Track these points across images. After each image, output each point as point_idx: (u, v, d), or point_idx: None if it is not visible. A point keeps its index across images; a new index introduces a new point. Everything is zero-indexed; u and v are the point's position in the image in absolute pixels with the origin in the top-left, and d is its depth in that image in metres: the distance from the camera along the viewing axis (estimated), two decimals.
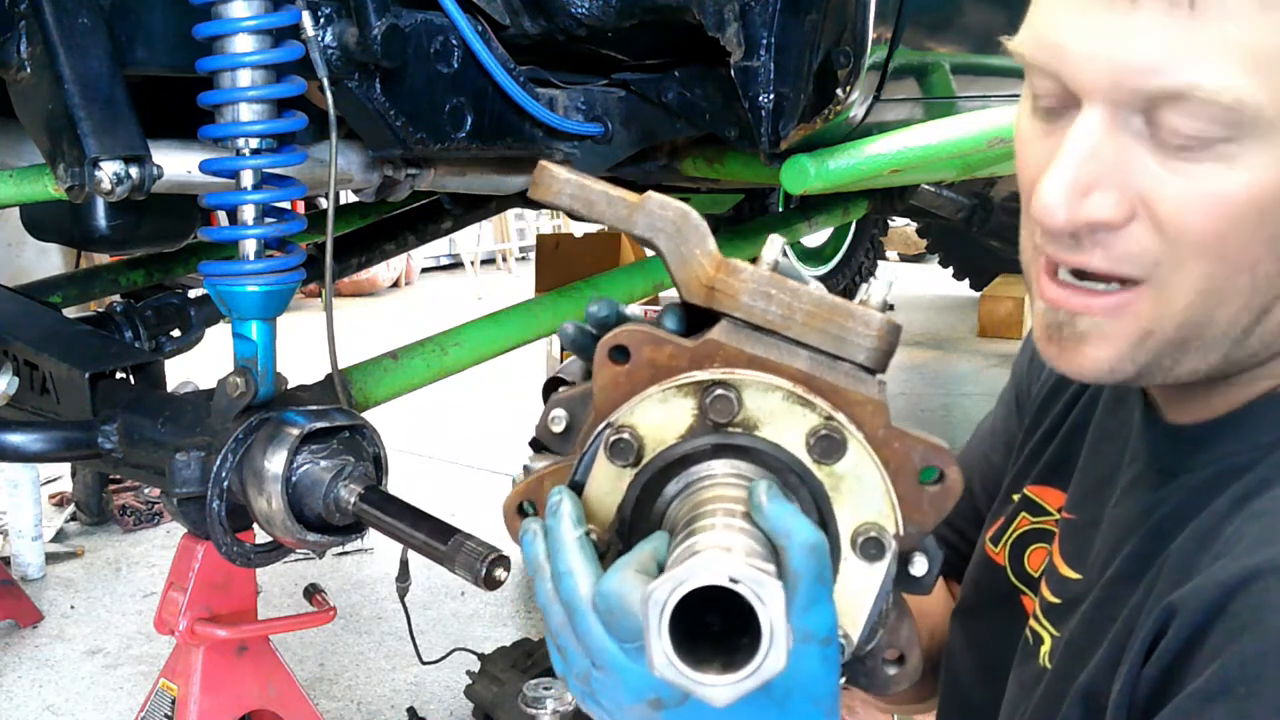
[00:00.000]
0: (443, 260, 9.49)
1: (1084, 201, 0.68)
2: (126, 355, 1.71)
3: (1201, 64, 0.64)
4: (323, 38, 1.40)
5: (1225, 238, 0.67)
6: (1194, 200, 0.66)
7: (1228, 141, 0.65)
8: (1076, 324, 0.72)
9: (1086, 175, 0.68)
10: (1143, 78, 0.65)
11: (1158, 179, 0.67)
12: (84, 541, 3.30)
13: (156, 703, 1.53)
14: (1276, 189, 0.66)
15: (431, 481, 3.80)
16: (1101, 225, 0.69)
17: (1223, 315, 0.70)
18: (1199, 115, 0.65)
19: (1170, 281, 0.69)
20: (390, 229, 2.78)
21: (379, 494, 1.35)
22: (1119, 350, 0.71)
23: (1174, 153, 0.66)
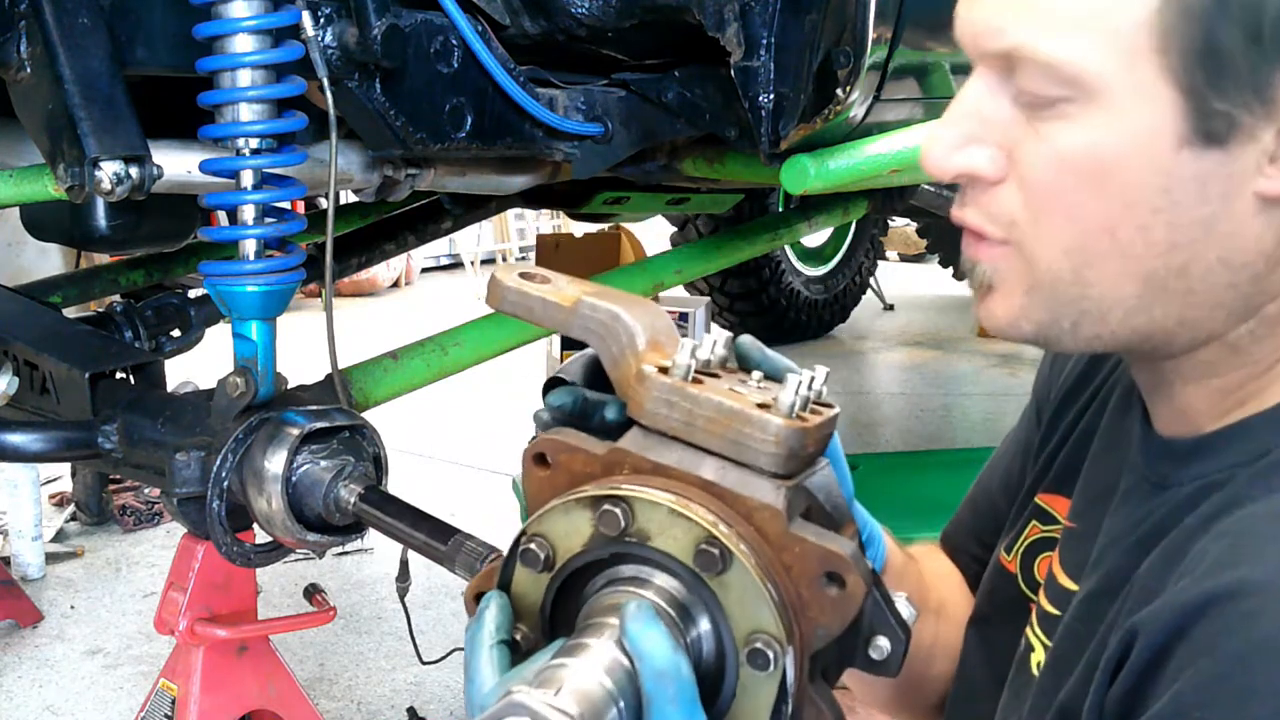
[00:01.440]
0: (443, 260, 9.49)
1: (960, 152, 0.72)
2: (126, 355, 1.71)
3: (1033, 26, 0.68)
4: (323, 38, 1.40)
5: (1068, 195, 0.69)
6: (1042, 157, 0.70)
7: (1068, 101, 0.68)
8: (978, 273, 0.76)
9: (967, 129, 0.72)
10: (987, 39, 0.70)
11: (1020, 137, 0.71)
12: (84, 541, 3.30)
13: (156, 703, 1.53)
14: (1116, 149, 0.68)
15: (431, 481, 3.80)
16: (975, 177, 0.73)
17: (1095, 278, 0.71)
18: (1037, 75, 0.68)
19: (1031, 237, 0.72)
20: (390, 229, 2.78)
21: (379, 494, 1.35)
22: (1014, 301, 0.74)
23: (1031, 112, 0.70)
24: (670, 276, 2.57)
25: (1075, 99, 0.68)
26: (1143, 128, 0.67)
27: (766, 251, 3.79)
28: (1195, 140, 0.67)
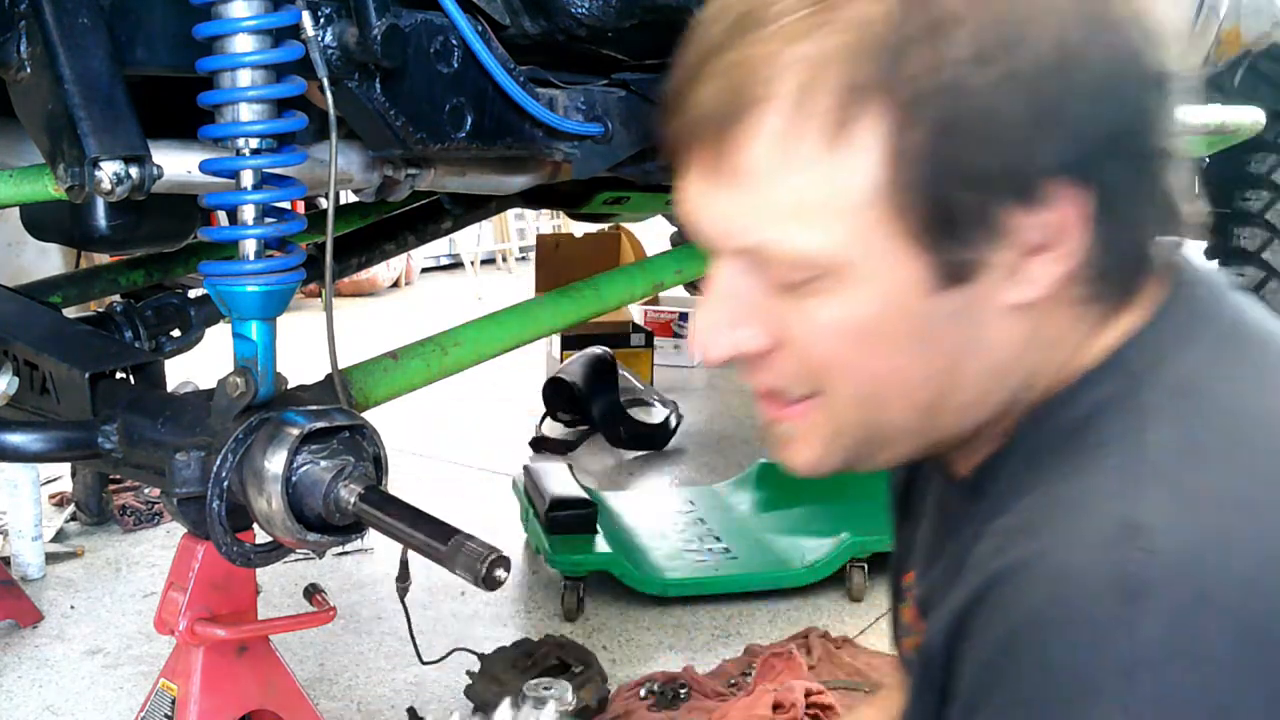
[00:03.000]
0: (443, 260, 9.49)
1: (730, 336, 0.76)
2: (126, 355, 1.71)
3: (767, 225, 0.71)
4: (323, 38, 1.40)
5: (842, 358, 0.74)
6: (811, 330, 0.74)
7: (819, 279, 0.71)
8: (778, 430, 0.80)
9: (727, 315, 0.76)
10: (724, 240, 0.74)
11: (782, 314, 0.74)
12: (84, 541, 3.30)
13: (156, 703, 1.53)
14: (873, 313, 0.72)
15: (431, 481, 3.80)
16: (750, 357, 0.77)
17: (888, 417, 0.76)
18: (779, 266, 0.72)
19: (826, 396, 0.76)
20: (390, 229, 2.78)
21: (379, 494, 1.35)
22: (818, 449, 0.79)
23: (786, 292, 0.73)
24: (670, 276, 2.57)
25: (822, 278, 0.71)
26: (893, 289, 0.71)
27: None
28: (943, 285, 0.71)
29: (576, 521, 2.96)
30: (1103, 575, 0.61)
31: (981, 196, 0.68)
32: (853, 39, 0.67)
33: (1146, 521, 0.63)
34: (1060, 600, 0.62)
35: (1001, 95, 0.66)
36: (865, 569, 2.92)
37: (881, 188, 0.68)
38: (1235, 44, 3.76)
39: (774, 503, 3.42)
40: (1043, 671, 0.61)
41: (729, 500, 3.47)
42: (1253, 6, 3.77)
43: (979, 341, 0.73)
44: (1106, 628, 0.60)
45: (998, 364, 0.75)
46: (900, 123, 0.67)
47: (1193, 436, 0.68)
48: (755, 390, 0.80)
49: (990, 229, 0.69)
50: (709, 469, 4.03)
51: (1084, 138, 0.68)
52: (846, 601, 2.92)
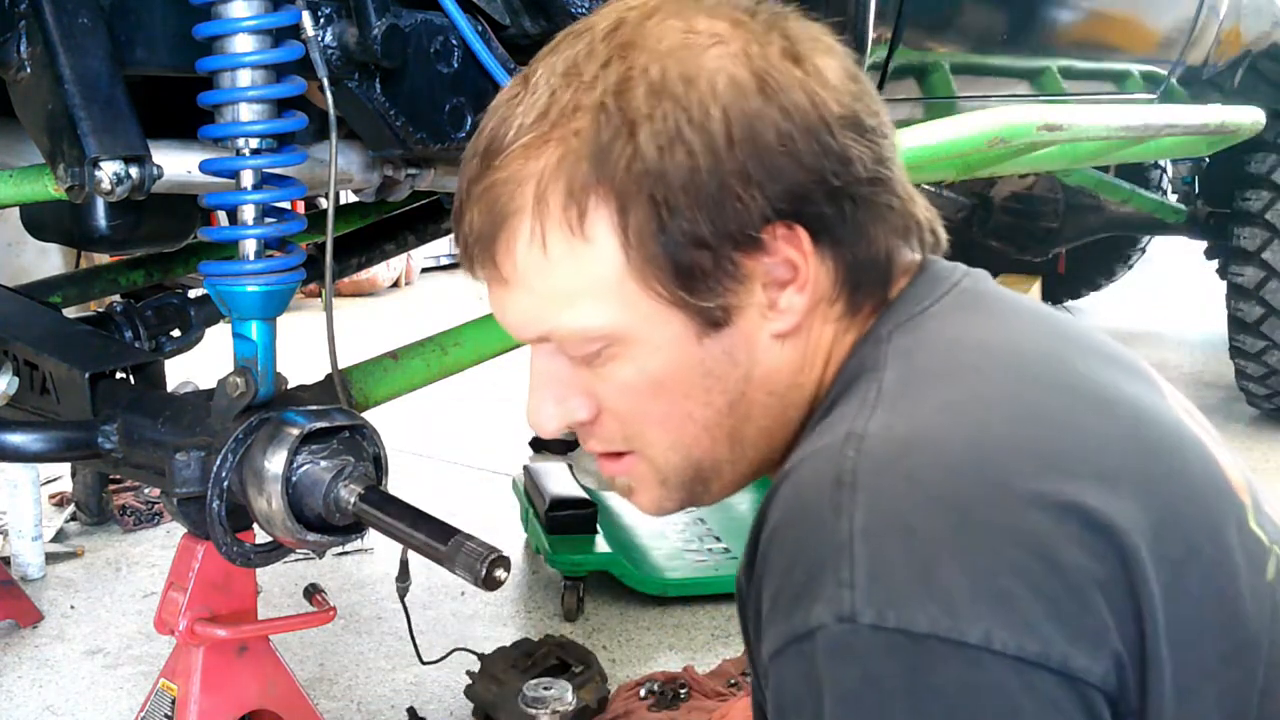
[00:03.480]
0: (443, 260, 9.48)
1: (559, 410, 0.88)
2: (126, 355, 1.71)
3: (541, 317, 0.84)
4: (323, 38, 1.40)
5: (644, 410, 0.85)
6: (615, 392, 0.85)
7: (607, 349, 0.83)
8: (619, 483, 0.93)
9: (553, 393, 0.88)
10: (520, 332, 0.86)
11: (591, 383, 0.86)
12: (84, 541, 3.30)
13: (156, 703, 1.53)
14: (656, 365, 0.83)
15: (431, 481, 3.80)
16: (580, 425, 0.88)
17: (701, 453, 0.87)
18: (573, 343, 0.84)
19: (644, 445, 0.88)
20: (390, 229, 2.78)
21: (379, 494, 1.35)
22: (655, 493, 0.91)
23: (588, 364, 0.85)
24: None
25: (610, 345, 0.83)
26: (666, 344, 0.83)
27: None
28: (707, 330, 0.83)
29: (576, 521, 2.96)
30: (824, 473, 0.72)
31: (709, 252, 0.80)
32: (568, 149, 0.80)
33: (864, 430, 0.74)
34: (795, 499, 0.74)
35: (693, 170, 0.78)
36: None
37: (626, 263, 0.81)
38: (1235, 44, 3.76)
39: None
40: (786, 560, 0.72)
41: (729, 500, 3.47)
42: (1253, 6, 3.77)
43: (755, 372, 0.85)
44: (825, 514, 0.70)
45: (777, 387, 0.86)
46: (621, 208, 0.79)
47: (914, 366, 0.80)
48: (594, 452, 0.91)
49: (729, 276, 0.81)
50: None
51: (779, 188, 0.80)
52: None
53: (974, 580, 0.66)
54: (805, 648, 0.68)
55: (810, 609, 0.68)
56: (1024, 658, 0.64)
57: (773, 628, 0.71)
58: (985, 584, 0.65)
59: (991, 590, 0.65)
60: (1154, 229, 5.44)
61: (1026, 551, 0.66)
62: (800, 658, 0.68)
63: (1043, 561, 0.66)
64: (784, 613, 0.70)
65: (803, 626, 0.68)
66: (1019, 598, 0.65)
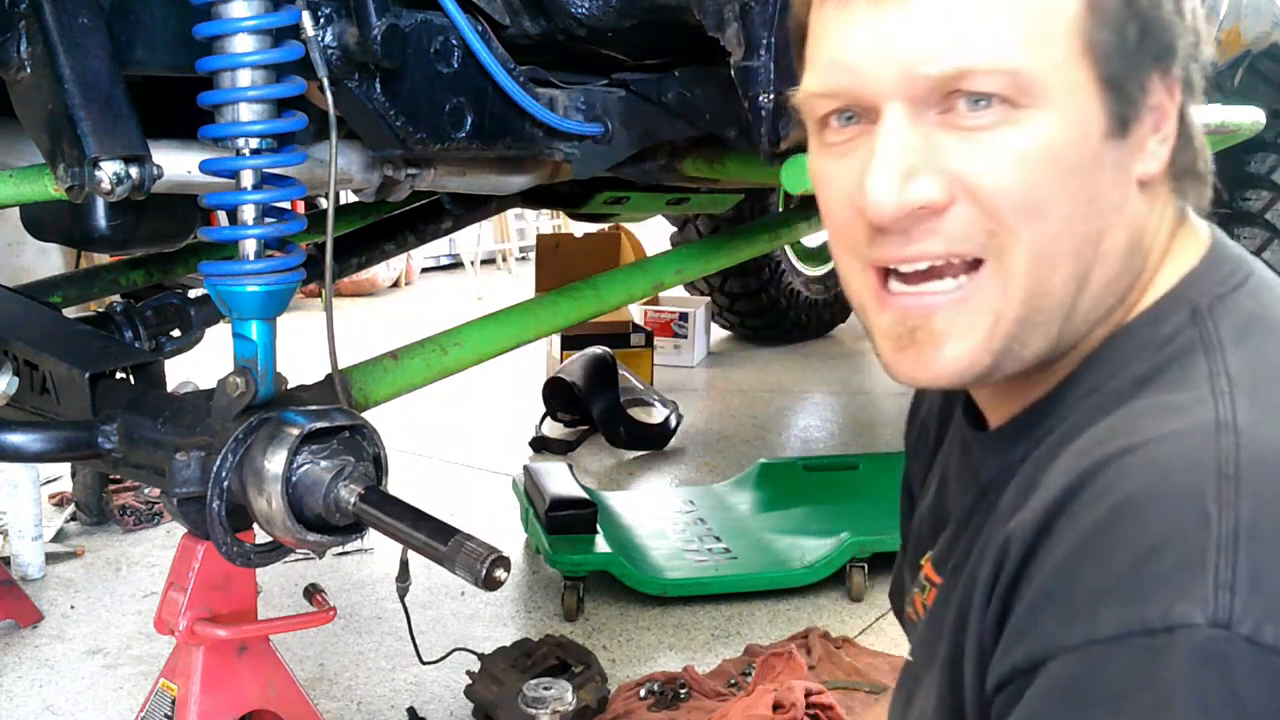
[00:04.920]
0: (443, 260, 9.48)
1: (908, 187, 0.73)
2: (126, 355, 1.71)
3: (973, 42, 0.71)
4: (323, 38, 1.40)
5: (1036, 194, 0.73)
6: (1000, 166, 0.73)
7: (1014, 107, 0.72)
8: (933, 324, 0.77)
9: (905, 165, 0.74)
10: (927, 65, 0.72)
11: (965, 156, 0.73)
12: (84, 541, 3.30)
13: (156, 703, 1.53)
14: (1065, 144, 0.73)
15: (431, 481, 3.80)
16: (929, 207, 0.74)
17: (1056, 281, 0.75)
18: (982, 89, 0.72)
19: (1006, 251, 0.74)
20: (390, 229, 2.78)
21: (379, 494, 1.35)
22: (976, 341, 0.76)
23: (971, 130, 0.73)
24: (670, 276, 2.57)
25: (1021, 104, 0.72)
26: (1080, 122, 0.73)
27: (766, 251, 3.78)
28: (1112, 130, 0.75)
29: (576, 521, 2.96)
30: (1202, 460, 0.64)
31: (1143, 51, 0.74)
32: None
33: (1235, 421, 0.67)
34: (1161, 480, 0.64)
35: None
36: (865, 569, 2.92)
37: (1082, 18, 0.73)
38: (1235, 44, 3.76)
39: (774, 503, 3.42)
40: (1149, 541, 0.63)
41: (729, 500, 3.47)
42: (1253, 6, 3.77)
43: (1125, 208, 0.77)
44: (1208, 504, 0.62)
45: (1132, 236, 0.77)
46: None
47: (1265, 360, 0.73)
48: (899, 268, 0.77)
49: (1140, 86, 0.75)
50: (709, 469, 4.03)
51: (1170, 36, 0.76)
52: (846, 601, 2.91)
53: None
54: (1156, 643, 0.60)
55: (1174, 603, 0.60)
56: None
57: (1101, 613, 0.63)
58: None
59: None
60: None
61: None
62: (1143, 652, 0.61)
63: None
64: (1128, 600, 0.62)
65: (1160, 620, 0.60)
66: None
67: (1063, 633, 0.64)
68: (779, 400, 4.95)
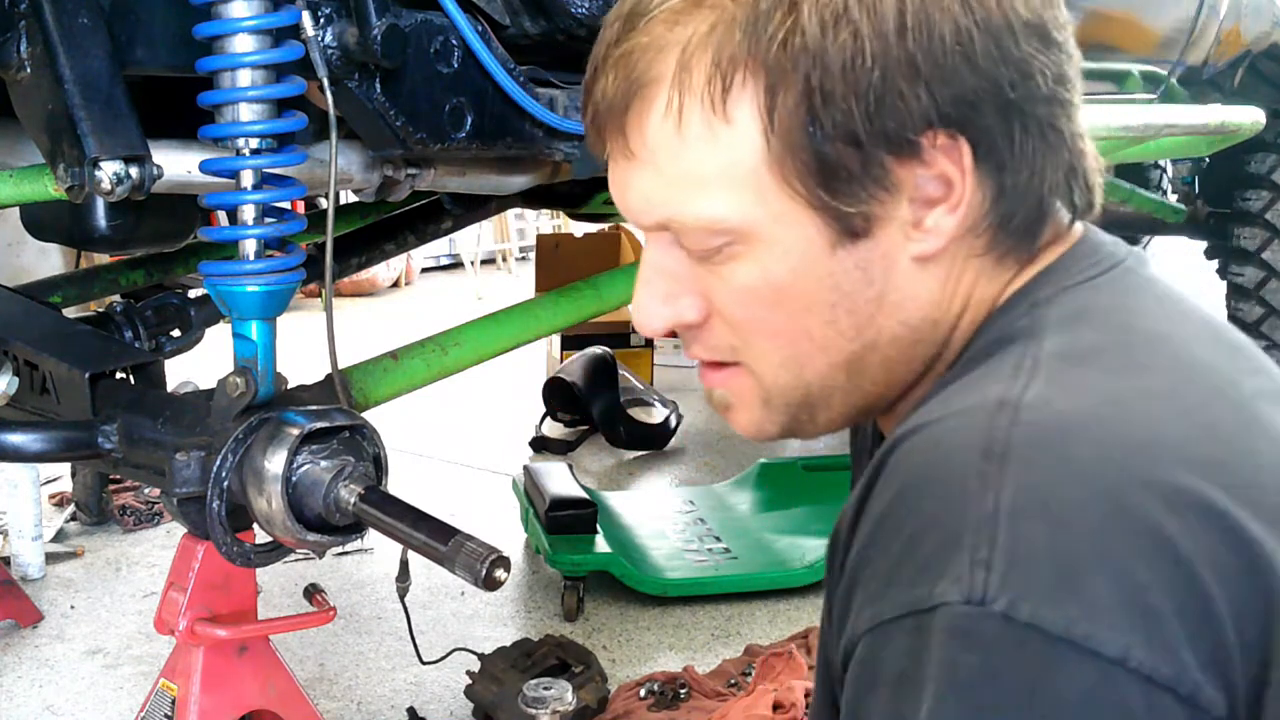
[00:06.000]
0: (443, 260, 9.49)
1: (667, 308, 0.81)
2: (126, 355, 1.71)
3: (667, 200, 0.77)
4: (323, 38, 1.40)
5: (762, 318, 0.78)
6: (731, 295, 0.79)
7: (730, 245, 0.76)
8: (716, 396, 0.86)
9: (664, 289, 0.81)
10: (639, 217, 0.80)
11: (707, 282, 0.79)
12: (84, 541, 3.30)
13: (156, 703, 1.53)
14: (782, 271, 0.76)
15: (431, 481, 3.80)
16: (688, 325, 0.82)
17: (814, 376, 0.80)
18: (694, 235, 0.77)
19: (753, 358, 0.81)
20: (390, 229, 2.78)
21: (379, 494, 1.35)
22: (754, 413, 0.84)
23: (705, 261, 0.78)
24: None
25: (734, 242, 0.76)
26: (796, 248, 0.76)
27: None
28: (843, 240, 0.75)
29: (576, 521, 2.96)
30: (973, 439, 0.66)
31: (860, 152, 0.73)
32: (719, 18, 0.73)
33: (1020, 399, 0.67)
34: (934, 460, 0.67)
35: (856, 56, 0.71)
36: None
37: (766, 151, 0.74)
38: (1235, 44, 3.76)
39: (774, 503, 3.42)
40: (916, 525, 0.65)
41: (729, 500, 3.47)
42: (1253, 6, 3.77)
43: (889, 298, 0.78)
44: (970, 483, 0.64)
45: (911, 318, 0.79)
46: (770, 89, 0.72)
47: (1077, 341, 0.72)
48: (696, 359, 0.85)
49: (877, 183, 0.74)
50: (709, 469, 4.03)
51: (948, 91, 0.72)
52: None
53: (1121, 590, 0.60)
54: (921, 622, 0.62)
55: (935, 583, 0.62)
56: (1155, 680, 0.59)
57: (886, 595, 0.65)
58: (1132, 597, 0.60)
59: (1138, 605, 0.60)
60: (1154, 229, 5.43)
61: (1177, 569, 0.61)
62: (913, 632, 0.63)
63: (1191, 582, 0.61)
64: (904, 582, 0.64)
65: (924, 601, 0.62)
66: (1164, 617, 0.60)
67: (859, 617, 0.67)
68: None
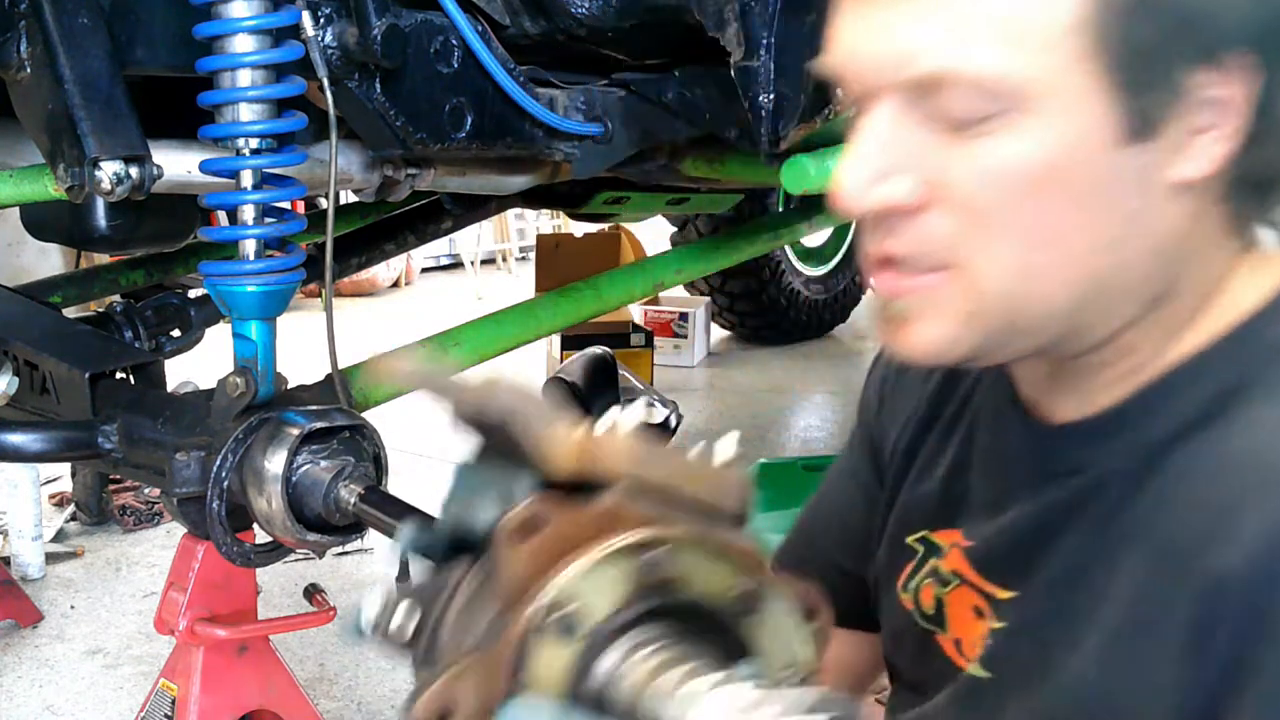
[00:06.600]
0: (443, 260, 9.49)
1: (879, 187, 0.70)
2: (126, 355, 1.71)
3: (955, 46, 0.66)
4: (323, 38, 1.40)
5: (1010, 211, 0.68)
6: (982, 177, 0.68)
7: (1003, 115, 0.67)
8: (906, 306, 0.73)
9: (880, 163, 0.70)
10: (898, 68, 0.68)
11: (946, 161, 0.69)
12: (84, 541, 3.30)
13: (156, 703, 1.53)
14: (1054, 157, 0.67)
15: (431, 482, 3.80)
16: (897, 209, 0.70)
17: (1039, 292, 0.71)
18: (966, 95, 0.67)
19: (975, 264, 0.70)
20: (390, 229, 2.78)
21: (379, 494, 1.35)
22: (945, 330, 0.73)
23: (957, 134, 0.68)
24: (670, 276, 2.58)
25: (1006, 112, 0.67)
26: (1079, 132, 0.67)
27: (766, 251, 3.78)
28: (1124, 137, 0.68)
29: None
30: None
31: (1173, 45, 0.66)
32: None
33: None
34: None
35: None
36: None
37: (1088, 16, 0.66)
38: None
39: (774, 502, 3.41)
40: None
41: None
42: None
43: (1145, 217, 0.70)
44: None
45: (1160, 248, 0.71)
46: None
47: None
48: (878, 257, 0.74)
49: (1173, 87, 0.67)
50: None
51: (1269, 15, 0.67)
52: None
53: None
54: None
55: None
56: None
57: None
58: None
59: None
60: None
61: None
62: None
63: None
64: None
65: None
66: None
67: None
68: (779, 400, 4.94)
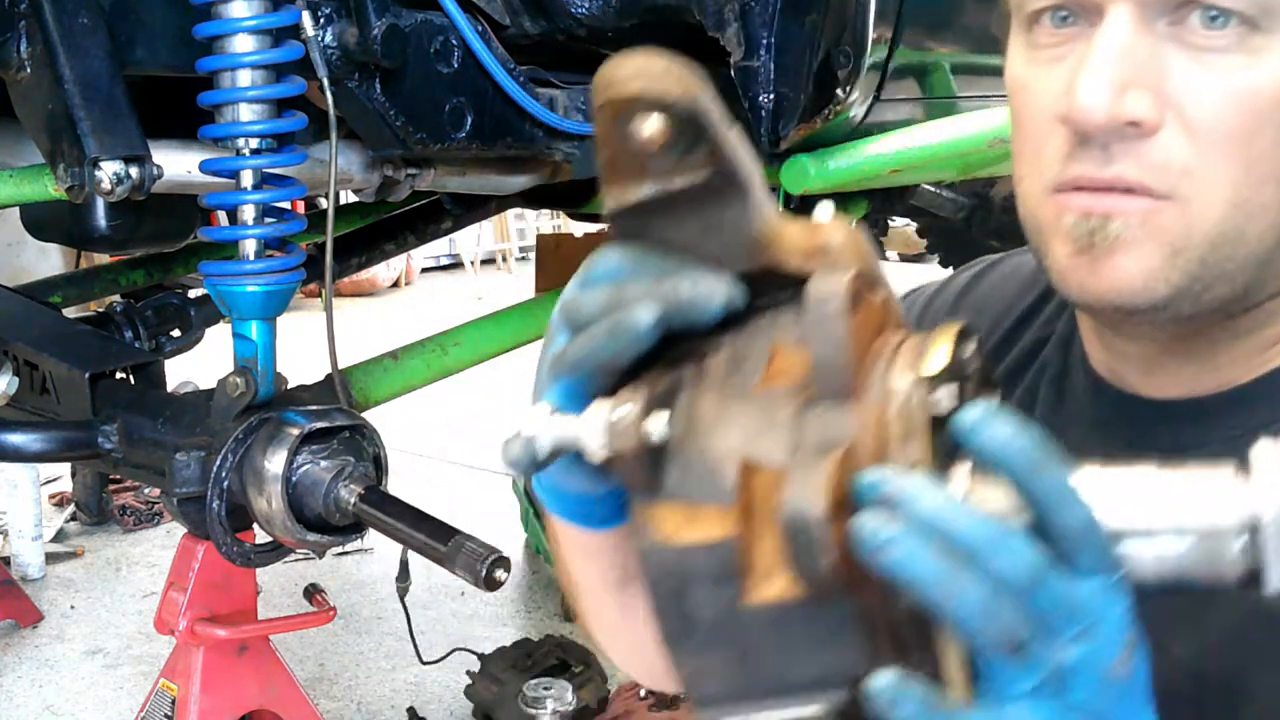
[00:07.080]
0: (443, 260, 9.49)
1: (1122, 99, 0.64)
2: (126, 355, 1.71)
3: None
4: (323, 38, 1.40)
5: (1253, 137, 0.64)
6: (1221, 97, 0.64)
7: (1254, 33, 0.63)
8: (1109, 228, 0.67)
9: (1123, 73, 0.64)
10: None
11: (1186, 78, 0.64)
12: (84, 541, 3.30)
13: (156, 703, 1.53)
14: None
15: (431, 481, 3.80)
16: (1139, 124, 0.65)
17: (1253, 232, 0.66)
18: (1221, 4, 0.62)
19: (1199, 194, 0.65)
20: (390, 229, 2.78)
21: (379, 494, 1.35)
22: (1151, 264, 0.66)
23: (1201, 50, 0.64)
24: None
25: (1263, 30, 0.63)
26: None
27: None
28: None
29: None
30: None
31: None
32: None
33: None
34: None
35: None
36: None
37: None
38: None
39: None
40: None
41: None
42: None
43: None
44: None
45: None
46: None
47: None
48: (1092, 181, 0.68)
49: None
50: None
51: None
52: None
53: None
54: None
55: None
56: None
57: None
58: None
59: None
60: None
61: None
62: None
63: None
64: None
65: None
66: None
67: None
68: None
